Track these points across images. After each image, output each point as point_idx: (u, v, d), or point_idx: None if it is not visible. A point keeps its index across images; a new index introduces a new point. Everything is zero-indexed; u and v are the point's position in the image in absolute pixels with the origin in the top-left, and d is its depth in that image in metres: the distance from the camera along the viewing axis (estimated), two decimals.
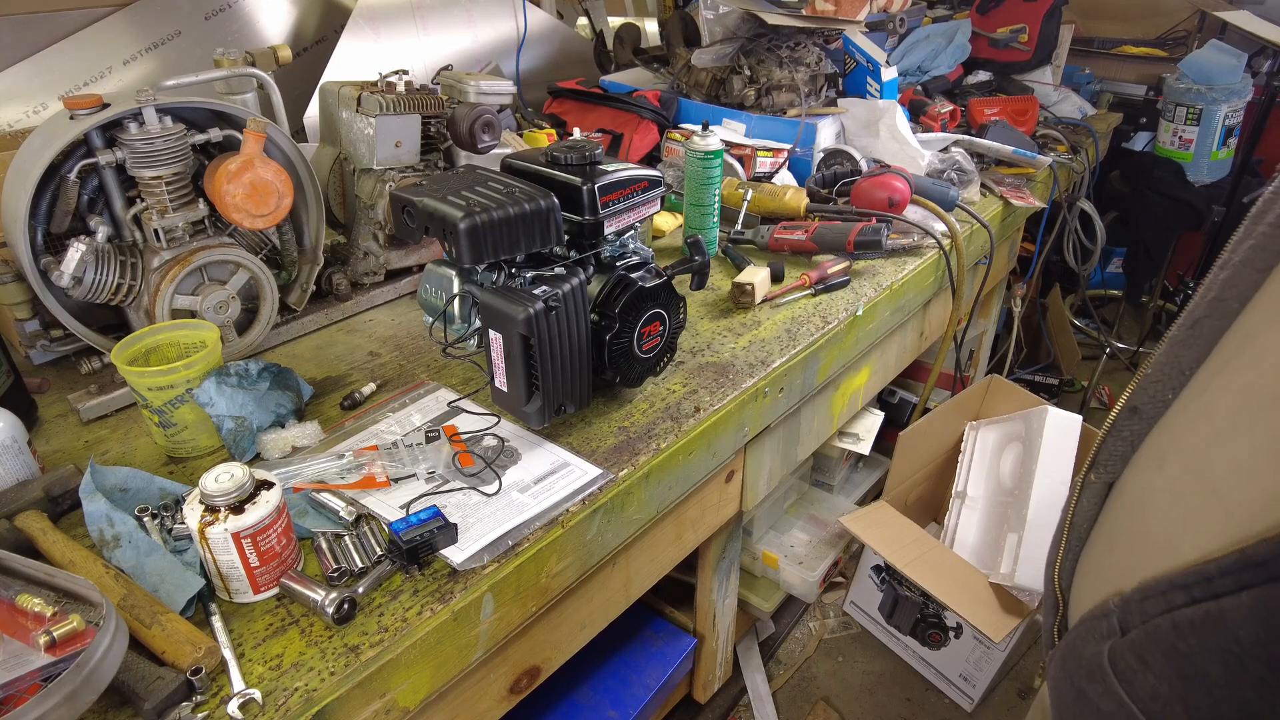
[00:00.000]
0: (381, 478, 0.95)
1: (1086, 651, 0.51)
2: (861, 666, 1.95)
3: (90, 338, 1.11)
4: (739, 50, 1.89)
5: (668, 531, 1.19)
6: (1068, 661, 0.54)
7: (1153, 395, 0.55)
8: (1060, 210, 2.37)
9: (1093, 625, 0.51)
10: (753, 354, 1.24)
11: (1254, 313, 0.49)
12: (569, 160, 1.01)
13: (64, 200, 1.05)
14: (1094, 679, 0.49)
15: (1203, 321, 0.52)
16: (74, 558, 0.80)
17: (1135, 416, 0.57)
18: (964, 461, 1.94)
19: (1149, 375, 0.56)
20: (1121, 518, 0.56)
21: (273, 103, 1.29)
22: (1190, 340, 0.53)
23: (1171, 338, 0.55)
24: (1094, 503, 0.60)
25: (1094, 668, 0.49)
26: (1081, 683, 0.51)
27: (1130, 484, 0.57)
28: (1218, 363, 0.51)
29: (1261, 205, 0.51)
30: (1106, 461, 0.59)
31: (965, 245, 1.62)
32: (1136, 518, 0.54)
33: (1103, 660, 0.48)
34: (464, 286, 0.99)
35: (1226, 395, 0.48)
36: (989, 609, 1.59)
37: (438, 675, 0.82)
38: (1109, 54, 2.80)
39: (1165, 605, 0.44)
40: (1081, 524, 0.61)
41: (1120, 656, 0.47)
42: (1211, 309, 0.52)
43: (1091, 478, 0.61)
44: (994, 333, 2.53)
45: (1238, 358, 0.49)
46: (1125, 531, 0.55)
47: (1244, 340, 0.49)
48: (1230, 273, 0.51)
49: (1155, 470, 0.53)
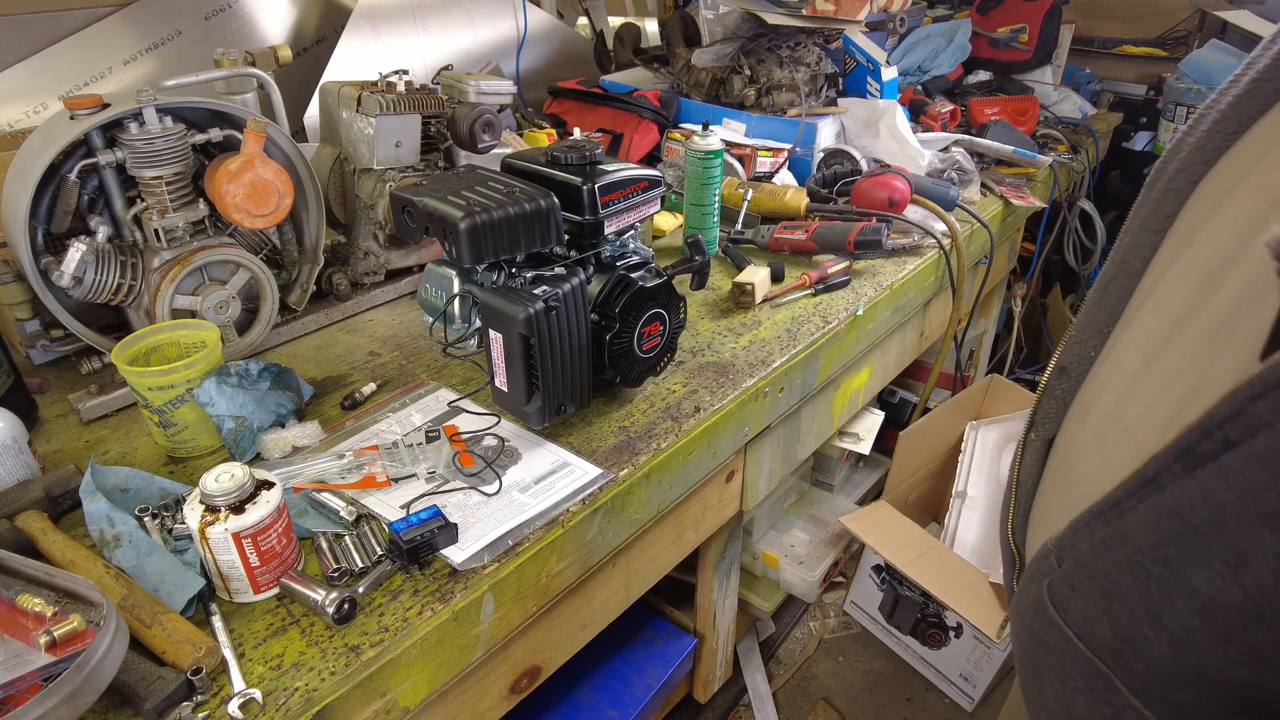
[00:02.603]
0: (382, 478, 0.95)
1: (1031, 591, 0.54)
2: (862, 666, 1.95)
3: (90, 338, 1.11)
4: (739, 50, 1.89)
5: (668, 531, 1.19)
6: (1020, 604, 0.56)
7: (1077, 354, 0.59)
8: (1060, 210, 2.37)
9: (1036, 566, 0.54)
10: (753, 354, 1.24)
11: (1154, 270, 0.53)
12: (569, 160, 1.01)
13: (64, 200, 1.05)
14: (1039, 614, 0.52)
15: (1112, 283, 0.57)
16: (74, 558, 0.80)
17: (1064, 376, 0.61)
18: (964, 461, 1.94)
19: (1073, 336, 0.60)
20: (1058, 470, 0.60)
21: (273, 103, 1.29)
22: (1103, 301, 0.57)
23: (1089, 300, 0.60)
24: (1036, 460, 0.64)
25: (1037, 603, 0.52)
26: (1030, 621, 0.54)
27: (1064, 438, 0.60)
28: (1126, 319, 0.55)
29: (1154, 173, 0.56)
30: (1043, 420, 0.63)
31: (965, 245, 1.62)
32: (1070, 468, 0.57)
33: (1043, 594, 0.52)
34: (464, 286, 0.99)
35: (1134, 346, 0.52)
36: (989, 609, 1.59)
37: (438, 675, 0.82)
38: (1109, 54, 2.80)
39: (1088, 534, 0.48)
40: (1027, 481, 0.65)
41: (1056, 588, 0.51)
42: (1119, 270, 0.56)
43: (1032, 436, 0.65)
44: (994, 333, 2.53)
45: (1140, 312, 0.53)
46: (1061, 481, 0.59)
47: (1146, 295, 0.53)
48: (1131, 237, 0.56)
49: (1080, 422, 0.57)
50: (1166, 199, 0.53)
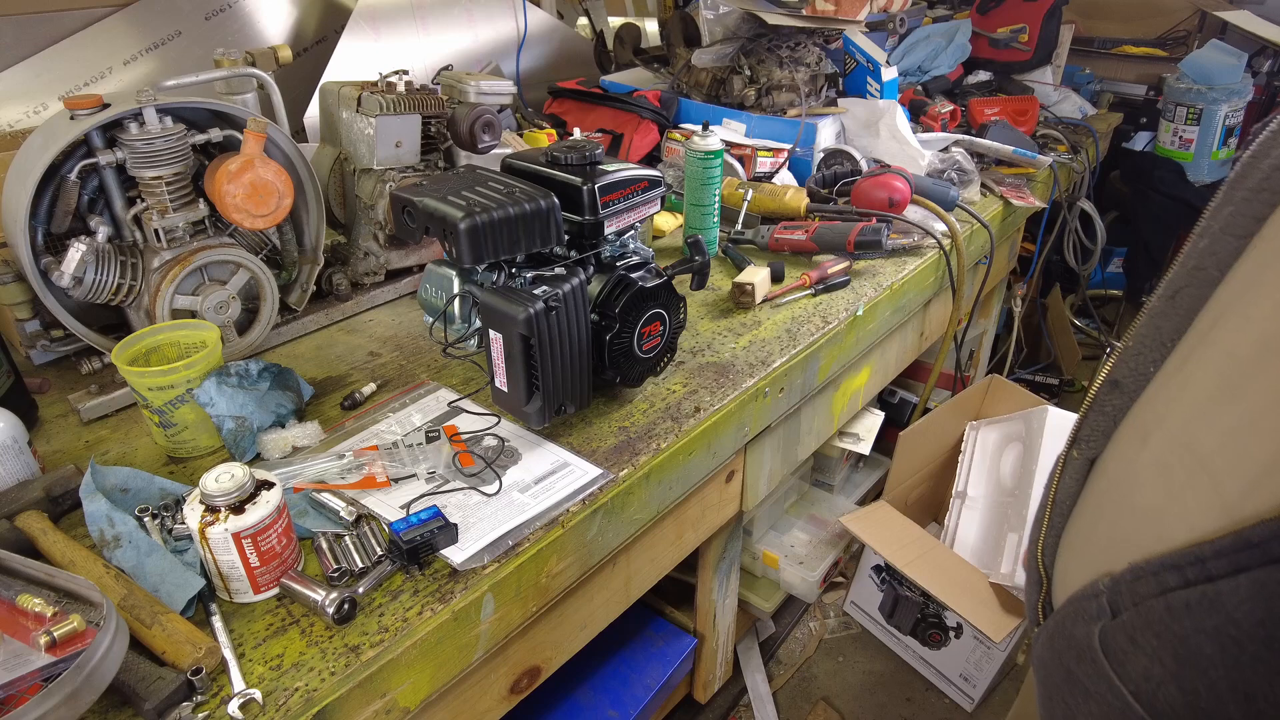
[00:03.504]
0: (382, 478, 0.95)
1: (1076, 633, 0.50)
2: (862, 666, 1.95)
3: (90, 338, 1.11)
4: (739, 50, 1.89)
5: (668, 531, 1.19)
6: (1056, 642, 0.53)
7: (1133, 368, 0.54)
8: (1060, 210, 2.37)
9: (1081, 606, 0.50)
10: (753, 354, 1.24)
11: (1235, 280, 0.48)
12: (569, 160, 1.01)
13: (64, 200, 1.05)
14: (1083, 660, 0.48)
15: (1183, 291, 0.51)
16: (74, 558, 0.80)
17: (1116, 391, 0.56)
18: (964, 461, 1.94)
19: (1129, 348, 0.55)
20: (1106, 494, 0.55)
21: (273, 103, 1.29)
22: (1169, 311, 0.52)
23: (1150, 309, 0.54)
24: (1076, 480, 0.60)
25: (1084, 649, 0.49)
26: (1070, 664, 0.50)
27: (1113, 460, 0.56)
28: (1199, 333, 0.50)
29: (1240, 170, 0.50)
30: (1089, 437, 0.58)
31: (965, 245, 1.62)
32: (1122, 494, 0.53)
33: (1093, 641, 0.48)
34: (464, 286, 0.99)
35: (1209, 365, 0.47)
36: (989, 609, 1.59)
37: (438, 675, 0.82)
38: (1109, 54, 2.80)
39: (1158, 587, 0.44)
40: (1064, 501, 0.61)
41: (1111, 638, 0.47)
42: (1191, 278, 0.50)
43: (1074, 454, 0.60)
44: (994, 333, 2.53)
45: (1219, 326, 0.48)
46: (1110, 508, 0.54)
47: (1225, 308, 0.48)
48: (1210, 241, 0.50)
49: (1139, 445, 0.52)
50: (1257, 200, 0.47)
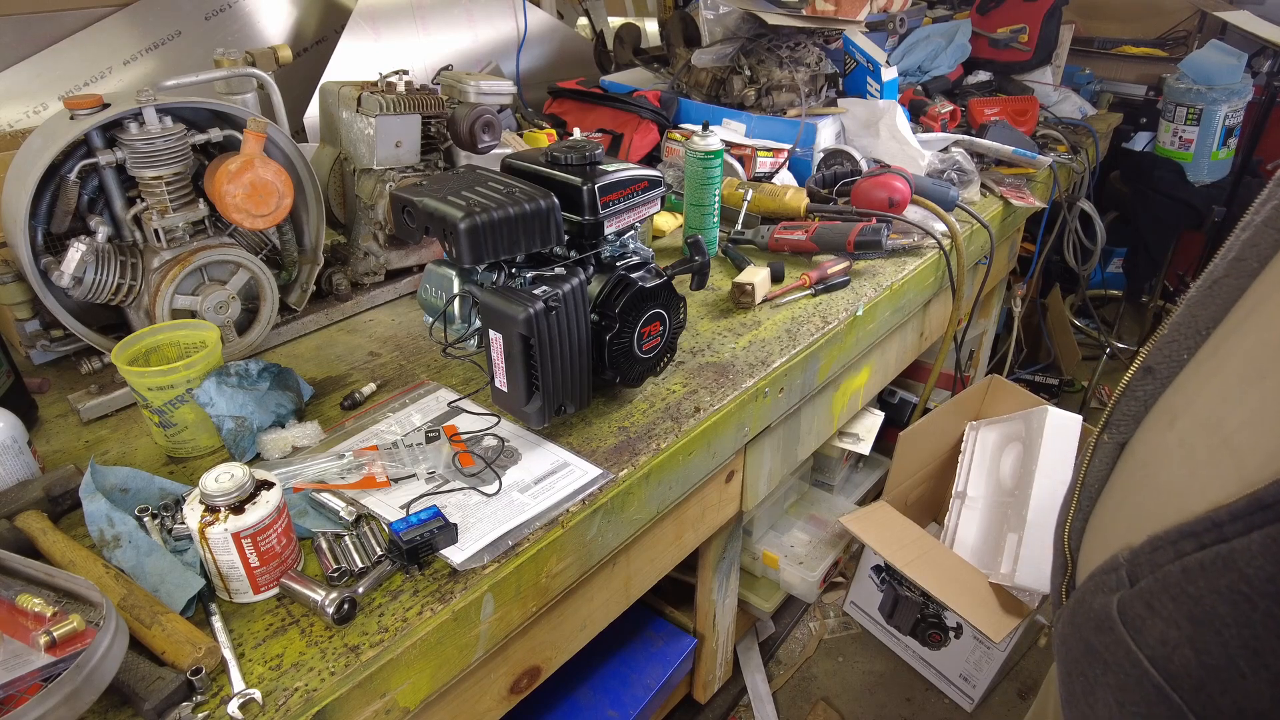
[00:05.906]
0: (381, 478, 0.95)
1: (1095, 604, 0.51)
2: (861, 666, 1.95)
3: (90, 338, 1.11)
4: (739, 50, 1.89)
5: (668, 531, 1.19)
6: (1076, 616, 0.53)
7: (1168, 355, 0.55)
8: (1060, 210, 2.37)
9: (1101, 579, 0.51)
10: (753, 354, 1.24)
11: (1273, 272, 0.49)
12: (569, 160, 1.01)
13: (64, 200, 1.05)
14: (1102, 630, 0.49)
15: (1221, 282, 0.52)
16: (74, 558, 0.80)
17: (1150, 376, 0.57)
18: (964, 461, 1.94)
19: (1165, 335, 0.56)
20: (1132, 475, 0.56)
21: (273, 103, 1.29)
22: (1208, 300, 0.53)
23: (1189, 298, 0.55)
24: (1105, 463, 0.61)
25: (1102, 619, 0.49)
26: (1089, 635, 0.51)
27: (1141, 443, 0.57)
28: (1233, 322, 0.51)
29: None
30: (1119, 422, 0.59)
31: (965, 245, 1.62)
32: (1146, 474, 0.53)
33: (1111, 610, 0.49)
34: (464, 286, 0.99)
35: (1241, 351, 0.48)
36: (989, 609, 1.59)
37: (438, 675, 0.82)
38: (1109, 54, 2.80)
39: (1175, 554, 0.44)
40: (1093, 484, 0.62)
41: (1129, 606, 0.47)
42: (1231, 269, 0.52)
43: (1105, 438, 0.61)
44: (994, 333, 2.53)
45: (1253, 316, 0.49)
46: (1135, 488, 0.55)
47: (1261, 299, 0.49)
48: (1252, 233, 0.51)
49: (1166, 428, 0.53)
50: None
